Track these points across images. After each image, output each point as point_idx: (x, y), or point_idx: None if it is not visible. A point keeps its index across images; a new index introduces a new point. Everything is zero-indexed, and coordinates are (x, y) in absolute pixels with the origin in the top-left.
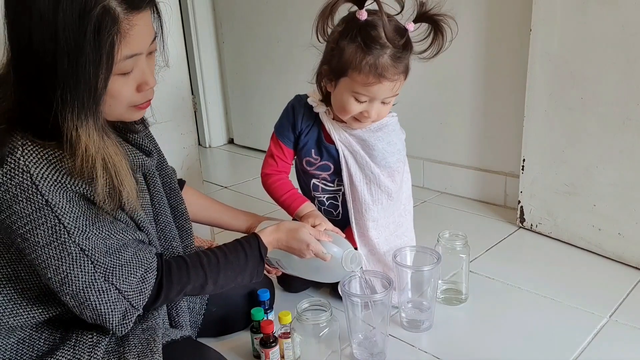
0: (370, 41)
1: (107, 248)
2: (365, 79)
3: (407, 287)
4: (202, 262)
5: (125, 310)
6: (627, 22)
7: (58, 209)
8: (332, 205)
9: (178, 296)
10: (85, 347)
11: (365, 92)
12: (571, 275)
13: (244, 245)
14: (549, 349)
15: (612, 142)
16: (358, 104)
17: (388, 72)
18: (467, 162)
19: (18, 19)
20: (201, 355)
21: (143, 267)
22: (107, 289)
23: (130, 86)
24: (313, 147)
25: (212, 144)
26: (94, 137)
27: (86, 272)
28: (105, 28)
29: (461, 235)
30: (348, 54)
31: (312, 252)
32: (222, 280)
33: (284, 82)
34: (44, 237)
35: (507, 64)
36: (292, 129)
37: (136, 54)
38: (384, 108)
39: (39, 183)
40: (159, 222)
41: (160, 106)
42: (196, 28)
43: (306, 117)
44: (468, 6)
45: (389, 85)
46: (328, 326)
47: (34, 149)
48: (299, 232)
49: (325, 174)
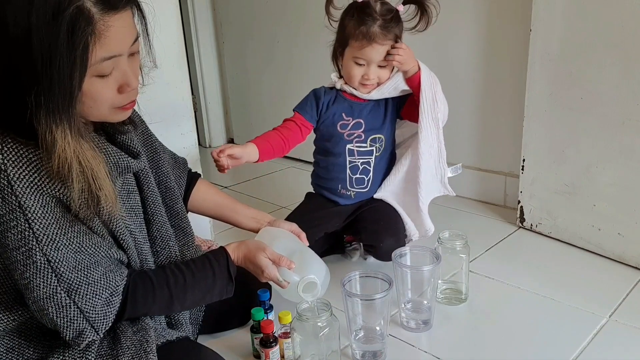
0: (365, 15)
1: (76, 263)
2: (360, 45)
3: (407, 287)
4: (168, 282)
5: (82, 330)
6: (627, 22)
7: (30, 213)
8: (364, 170)
9: (141, 315)
10: (75, 353)
11: (362, 55)
12: (571, 275)
13: (212, 262)
14: (549, 349)
15: (612, 142)
16: (358, 67)
17: (378, 37)
18: (467, 162)
19: None
20: (198, 355)
21: (110, 289)
22: (67, 305)
23: (110, 88)
24: (343, 110)
25: (212, 144)
26: (69, 140)
27: (48, 284)
28: (79, 29)
29: (461, 235)
30: (349, 28)
31: (267, 278)
32: (189, 300)
33: (284, 82)
34: (13, 241)
35: (507, 64)
36: (316, 105)
37: (114, 55)
38: (382, 71)
39: (14, 184)
40: (153, 222)
41: (160, 106)
42: (196, 28)
43: (328, 94)
44: (468, 6)
45: (380, 48)
46: (328, 326)
47: (14, 147)
48: (256, 256)
49: (359, 131)
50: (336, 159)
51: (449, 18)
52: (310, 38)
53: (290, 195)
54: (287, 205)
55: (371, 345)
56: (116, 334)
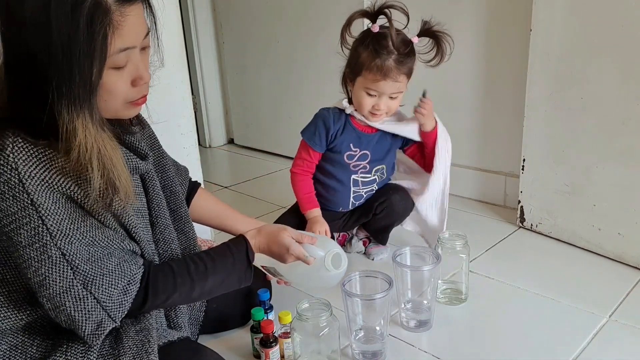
0: (380, 48)
1: (89, 255)
2: (373, 77)
3: (407, 287)
4: (189, 269)
5: (100, 320)
6: (627, 22)
7: (42, 210)
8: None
9: (165, 304)
10: (78, 352)
11: (374, 87)
12: (571, 275)
13: (232, 249)
14: (549, 349)
15: (612, 142)
16: (369, 97)
17: (392, 72)
18: (467, 162)
19: (10, 16)
20: (199, 356)
21: (126, 279)
22: (85, 297)
23: (124, 81)
24: (351, 141)
25: (212, 144)
26: (90, 129)
27: (64, 278)
28: (98, 19)
29: (461, 235)
30: (362, 57)
31: (293, 255)
32: (209, 286)
33: (284, 82)
34: (26, 238)
35: (507, 64)
36: (325, 135)
37: (129, 47)
38: (393, 102)
39: (25, 181)
40: (157, 224)
41: (160, 106)
42: (196, 28)
43: (338, 122)
44: (468, 6)
45: (393, 83)
46: (328, 326)
47: (25, 146)
48: (279, 235)
49: (365, 162)
50: (340, 186)
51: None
52: (310, 38)
53: (290, 195)
54: (287, 205)
55: (371, 345)
56: (119, 333)
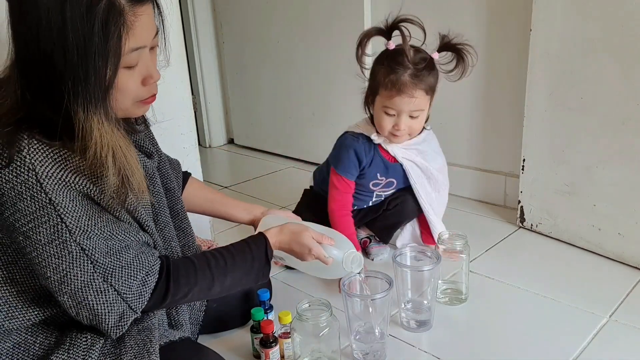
0: (395, 64)
1: (108, 249)
2: (389, 93)
3: (407, 287)
4: (209, 264)
5: (122, 312)
6: (627, 22)
7: (61, 208)
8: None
9: (185, 298)
10: (80, 350)
11: (391, 105)
12: (571, 275)
13: (252, 246)
14: (549, 349)
15: (612, 142)
16: (388, 117)
17: (406, 87)
18: (467, 162)
19: (24, 18)
20: (200, 356)
21: (144, 270)
22: (106, 290)
23: (135, 80)
24: (378, 171)
25: (212, 144)
26: (105, 128)
27: (85, 272)
28: (112, 20)
29: (461, 235)
30: (379, 75)
31: (314, 256)
32: (228, 282)
33: (284, 82)
34: (46, 236)
35: (507, 64)
36: (358, 167)
37: (141, 46)
38: (414, 122)
39: (43, 181)
40: (158, 222)
41: (160, 106)
42: (196, 28)
43: (367, 152)
44: (468, 6)
45: (409, 99)
46: (328, 326)
47: (40, 147)
48: (302, 235)
49: (390, 188)
50: (360, 197)
51: (449, 18)
52: (310, 38)
53: (291, 195)
54: (287, 205)
55: (371, 345)
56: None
